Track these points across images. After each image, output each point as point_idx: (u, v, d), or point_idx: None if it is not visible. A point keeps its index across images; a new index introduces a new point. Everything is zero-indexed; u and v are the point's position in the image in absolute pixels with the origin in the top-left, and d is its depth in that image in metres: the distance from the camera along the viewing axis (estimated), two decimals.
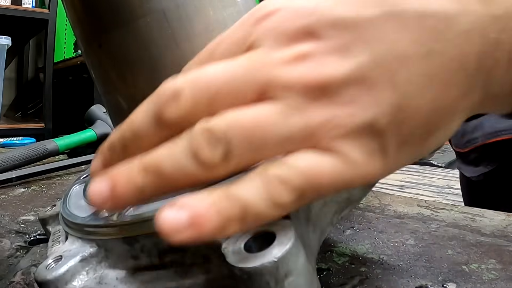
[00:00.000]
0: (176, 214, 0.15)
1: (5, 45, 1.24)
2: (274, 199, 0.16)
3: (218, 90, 0.16)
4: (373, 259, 0.32)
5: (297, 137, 0.16)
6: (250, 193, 0.16)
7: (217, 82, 0.17)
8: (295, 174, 0.16)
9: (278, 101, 0.16)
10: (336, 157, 0.17)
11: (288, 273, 0.17)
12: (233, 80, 0.16)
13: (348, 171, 0.17)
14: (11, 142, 1.27)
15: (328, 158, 0.16)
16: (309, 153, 0.16)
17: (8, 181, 0.57)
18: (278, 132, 0.16)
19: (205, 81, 0.17)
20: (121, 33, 0.25)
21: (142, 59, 0.25)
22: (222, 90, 0.16)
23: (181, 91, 0.16)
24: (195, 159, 0.16)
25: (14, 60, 2.31)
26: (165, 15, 0.24)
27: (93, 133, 0.77)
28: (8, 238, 0.38)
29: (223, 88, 0.16)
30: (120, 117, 0.28)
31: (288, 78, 0.16)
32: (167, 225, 0.15)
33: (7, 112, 2.23)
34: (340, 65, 0.16)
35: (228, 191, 0.16)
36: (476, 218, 0.42)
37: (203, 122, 0.16)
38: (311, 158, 0.16)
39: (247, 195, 0.16)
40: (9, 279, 0.29)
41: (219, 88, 0.16)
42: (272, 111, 0.16)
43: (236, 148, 0.16)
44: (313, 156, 0.16)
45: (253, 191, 0.16)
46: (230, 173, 0.16)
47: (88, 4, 0.26)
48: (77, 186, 0.32)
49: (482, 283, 0.28)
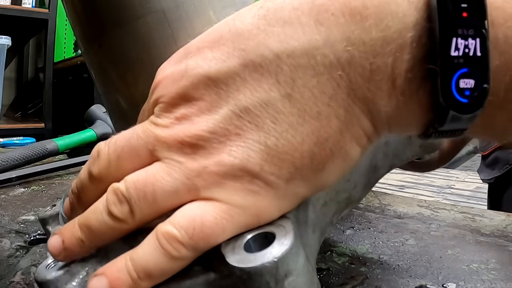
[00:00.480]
0: (99, 281, 0.18)
1: (5, 45, 1.24)
2: (170, 255, 0.17)
3: (121, 153, 0.20)
4: (373, 259, 0.32)
5: (181, 190, 0.18)
6: (146, 255, 0.18)
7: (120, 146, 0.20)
8: (180, 229, 0.17)
9: (163, 160, 0.18)
10: (218, 205, 0.18)
11: (288, 273, 0.17)
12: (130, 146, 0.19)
13: (236, 214, 0.18)
14: (11, 142, 1.27)
15: (210, 207, 0.18)
16: (193, 204, 0.18)
17: (8, 181, 0.57)
18: (164, 187, 0.18)
19: (114, 144, 0.20)
20: (121, 33, 0.25)
21: (142, 59, 0.25)
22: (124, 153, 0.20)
23: (100, 151, 0.20)
24: (110, 215, 0.19)
25: (14, 60, 2.31)
26: (165, 15, 0.24)
27: (93, 133, 0.77)
28: (8, 238, 0.38)
29: (124, 151, 0.20)
30: (120, 117, 0.28)
31: (166, 139, 0.18)
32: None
33: (7, 112, 2.23)
34: (207, 121, 0.18)
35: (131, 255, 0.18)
36: (476, 218, 0.42)
37: (113, 184, 0.19)
38: (193, 210, 0.18)
39: (145, 257, 0.18)
40: (9, 279, 0.29)
41: (122, 151, 0.20)
42: (159, 169, 0.18)
43: (136, 205, 0.18)
44: (196, 208, 0.18)
45: (149, 252, 0.18)
46: (140, 224, 0.19)
47: (88, 4, 0.26)
48: None
49: (482, 283, 0.28)
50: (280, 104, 0.17)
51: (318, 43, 0.17)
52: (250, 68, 0.18)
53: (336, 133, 0.18)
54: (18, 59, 2.32)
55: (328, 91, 0.17)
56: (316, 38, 0.17)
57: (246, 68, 0.18)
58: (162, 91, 0.19)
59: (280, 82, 0.17)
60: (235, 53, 0.18)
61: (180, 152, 0.18)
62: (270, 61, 0.17)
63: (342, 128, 0.18)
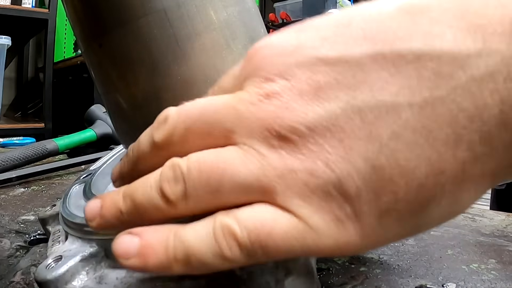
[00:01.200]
0: (129, 240, 0.16)
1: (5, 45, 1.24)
2: (220, 251, 0.15)
3: (192, 124, 0.17)
4: (373, 259, 0.32)
5: (253, 186, 0.15)
6: (195, 238, 0.15)
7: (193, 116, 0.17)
8: (243, 229, 0.15)
9: (240, 146, 0.16)
10: (294, 220, 0.15)
11: (288, 272, 0.17)
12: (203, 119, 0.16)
13: (309, 237, 0.15)
14: (11, 142, 1.27)
15: (284, 219, 0.15)
16: (265, 207, 0.15)
17: (8, 181, 0.57)
18: (234, 178, 0.15)
19: (186, 112, 0.17)
20: (122, 33, 0.25)
21: (143, 58, 0.25)
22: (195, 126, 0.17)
23: (168, 116, 0.17)
24: (160, 192, 0.16)
25: (14, 60, 2.31)
26: (166, 15, 0.24)
27: (93, 133, 0.77)
28: (8, 238, 0.38)
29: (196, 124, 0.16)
30: (120, 117, 0.28)
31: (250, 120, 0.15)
32: (119, 248, 0.16)
33: (7, 112, 2.23)
34: (306, 111, 0.14)
35: (178, 230, 0.16)
36: (476, 218, 0.42)
37: (174, 158, 0.16)
38: (264, 214, 0.15)
39: (193, 240, 0.15)
40: (9, 279, 0.29)
41: (193, 123, 0.17)
42: (234, 155, 0.15)
43: (192, 188, 0.16)
44: (268, 212, 0.15)
45: (200, 237, 0.15)
46: (191, 212, 0.16)
47: (88, 3, 0.26)
48: (77, 186, 0.32)
49: (482, 283, 0.28)
50: (404, 114, 0.14)
51: (474, 51, 0.14)
52: (380, 63, 0.14)
53: (458, 167, 0.14)
54: (18, 59, 2.32)
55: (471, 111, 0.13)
56: (472, 46, 0.14)
57: (374, 62, 0.14)
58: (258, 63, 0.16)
59: (413, 88, 0.14)
60: (363, 42, 0.14)
61: (264, 142, 0.15)
62: (407, 61, 0.14)
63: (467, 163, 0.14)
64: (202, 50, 0.25)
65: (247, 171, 0.15)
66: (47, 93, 2.02)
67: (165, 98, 0.25)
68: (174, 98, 0.25)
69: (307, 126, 0.14)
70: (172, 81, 0.25)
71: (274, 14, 2.69)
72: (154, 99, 0.25)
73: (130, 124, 0.28)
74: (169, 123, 0.17)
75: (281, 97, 0.15)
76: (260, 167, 0.15)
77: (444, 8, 0.14)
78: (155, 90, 0.25)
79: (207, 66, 0.25)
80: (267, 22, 2.64)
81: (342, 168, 0.14)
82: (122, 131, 0.29)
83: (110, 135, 0.78)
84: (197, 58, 0.25)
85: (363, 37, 0.15)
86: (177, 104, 0.18)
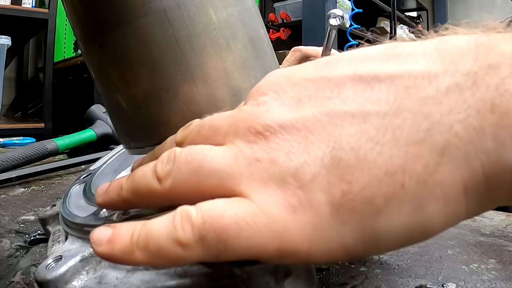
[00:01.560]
0: (104, 230, 0.18)
1: (5, 45, 1.24)
2: (174, 233, 0.16)
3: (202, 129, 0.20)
4: (373, 259, 0.32)
5: (226, 173, 0.17)
6: (158, 224, 0.17)
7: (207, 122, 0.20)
8: (199, 211, 0.16)
9: (226, 144, 0.18)
10: (246, 204, 0.16)
11: (288, 272, 0.17)
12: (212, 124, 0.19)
13: (259, 221, 0.15)
14: (11, 142, 1.27)
15: (237, 205, 0.16)
16: (225, 199, 0.16)
17: (8, 181, 0.57)
18: (212, 163, 0.17)
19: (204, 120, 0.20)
20: (122, 33, 0.25)
21: (143, 58, 0.25)
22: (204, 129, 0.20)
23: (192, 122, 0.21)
24: (153, 171, 0.19)
25: (14, 60, 2.31)
26: (166, 15, 0.24)
27: (93, 133, 0.77)
28: (8, 238, 0.38)
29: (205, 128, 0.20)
30: (120, 117, 0.28)
31: (238, 123, 0.18)
32: (94, 236, 0.18)
33: (7, 112, 2.23)
34: (282, 113, 0.17)
35: (146, 222, 0.17)
36: (476, 218, 0.42)
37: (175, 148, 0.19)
38: (222, 202, 0.16)
39: (155, 225, 0.17)
40: (9, 279, 0.29)
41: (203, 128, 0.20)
42: (218, 148, 0.18)
43: (177, 166, 0.18)
44: (226, 201, 0.16)
45: (161, 224, 0.17)
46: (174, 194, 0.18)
47: (88, 4, 0.26)
48: (77, 186, 0.32)
49: (482, 283, 0.28)
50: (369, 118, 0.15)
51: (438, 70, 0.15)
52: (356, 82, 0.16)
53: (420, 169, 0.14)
54: (18, 59, 2.32)
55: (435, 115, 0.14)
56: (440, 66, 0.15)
57: (351, 80, 0.16)
58: (260, 85, 0.19)
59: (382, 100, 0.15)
60: (347, 66, 0.17)
61: (244, 139, 0.17)
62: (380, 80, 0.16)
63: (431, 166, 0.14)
64: (202, 50, 0.25)
65: (223, 159, 0.17)
66: (47, 93, 2.02)
67: (165, 98, 0.25)
68: (174, 98, 0.25)
69: (279, 124, 0.17)
70: (172, 81, 0.25)
71: (274, 14, 2.69)
72: (154, 99, 0.25)
73: (130, 124, 0.28)
74: (190, 127, 0.21)
75: (267, 104, 0.18)
76: (234, 157, 0.17)
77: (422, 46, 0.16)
78: (155, 90, 0.25)
79: (207, 66, 0.25)
80: (267, 22, 2.64)
81: (300, 158, 0.16)
82: (122, 131, 0.29)
83: (110, 135, 0.78)
84: (197, 58, 0.25)
85: (348, 62, 0.17)
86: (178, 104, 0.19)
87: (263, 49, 0.28)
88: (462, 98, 0.14)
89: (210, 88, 0.25)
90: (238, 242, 0.15)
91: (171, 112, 0.25)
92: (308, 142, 0.16)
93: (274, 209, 0.15)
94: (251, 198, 0.16)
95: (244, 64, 0.26)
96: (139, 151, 0.27)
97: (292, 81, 0.18)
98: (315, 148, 0.16)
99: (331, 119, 0.16)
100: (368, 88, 0.16)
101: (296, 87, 0.17)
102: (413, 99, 0.15)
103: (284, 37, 2.61)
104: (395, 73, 0.16)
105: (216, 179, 0.17)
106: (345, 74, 0.17)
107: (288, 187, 0.15)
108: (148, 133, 0.27)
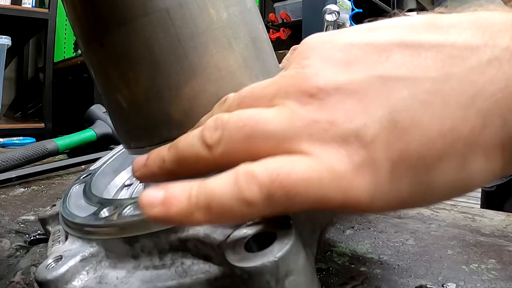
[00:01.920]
0: (155, 192, 0.17)
1: (5, 45, 1.24)
2: (240, 193, 0.16)
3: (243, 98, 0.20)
4: (373, 259, 0.32)
5: (282, 135, 0.17)
6: (218, 184, 0.17)
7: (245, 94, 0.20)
8: (263, 170, 0.16)
9: (277, 106, 0.18)
10: (312, 160, 0.16)
11: (288, 272, 0.17)
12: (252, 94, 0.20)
13: (326, 177, 0.16)
14: (11, 142, 1.27)
15: (303, 161, 0.16)
16: (288, 156, 0.17)
17: (8, 181, 0.57)
18: (266, 126, 0.17)
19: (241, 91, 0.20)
20: (124, 32, 0.25)
21: (145, 58, 0.25)
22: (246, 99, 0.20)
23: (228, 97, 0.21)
24: (200, 139, 0.18)
25: (14, 60, 2.31)
26: (168, 14, 0.24)
27: (93, 133, 0.77)
28: (8, 238, 0.38)
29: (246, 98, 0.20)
30: (120, 117, 0.28)
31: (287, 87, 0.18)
32: (144, 199, 0.17)
33: (7, 112, 2.23)
34: (335, 75, 0.17)
35: (203, 181, 0.17)
36: (476, 218, 0.42)
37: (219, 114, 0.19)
38: (285, 159, 0.17)
39: (215, 185, 0.17)
40: (9, 279, 0.29)
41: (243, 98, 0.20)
42: (269, 111, 0.18)
43: (228, 132, 0.18)
44: (289, 159, 0.17)
45: (222, 183, 0.17)
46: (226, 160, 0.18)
47: (89, 3, 0.26)
48: (77, 186, 0.32)
49: (482, 283, 0.28)
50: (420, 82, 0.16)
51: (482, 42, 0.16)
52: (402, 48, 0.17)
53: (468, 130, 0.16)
54: (18, 59, 2.32)
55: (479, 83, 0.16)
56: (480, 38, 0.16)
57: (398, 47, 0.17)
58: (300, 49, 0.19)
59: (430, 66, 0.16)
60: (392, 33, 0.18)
61: (296, 100, 0.17)
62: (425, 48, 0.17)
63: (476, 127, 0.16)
64: (204, 49, 0.25)
65: (277, 121, 0.17)
66: (47, 93, 2.02)
67: (167, 98, 0.25)
68: (176, 97, 0.25)
69: (332, 87, 0.17)
70: (175, 80, 0.25)
71: (274, 14, 2.69)
72: (156, 98, 0.25)
73: (131, 124, 0.28)
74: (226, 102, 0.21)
75: (315, 68, 0.18)
76: (289, 119, 0.17)
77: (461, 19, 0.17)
78: (157, 89, 0.25)
79: (209, 65, 0.25)
80: (267, 22, 2.64)
81: (359, 119, 0.16)
82: (123, 131, 0.29)
83: (110, 135, 0.78)
84: (200, 57, 0.25)
85: (392, 30, 0.18)
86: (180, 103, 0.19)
87: (264, 49, 0.28)
88: (502, 70, 0.16)
89: (212, 87, 0.25)
90: (306, 198, 0.16)
91: (173, 111, 0.25)
92: (365, 104, 0.16)
93: (339, 166, 0.16)
94: (314, 156, 0.16)
95: (245, 63, 0.26)
96: (140, 151, 0.27)
97: (338, 46, 0.18)
98: (372, 110, 0.16)
99: (384, 81, 0.17)
100: (415, 54, 0.17)
101: (342, 52, 0.18)
102: (459, 67, 0.16)
103: (284, 37, 2.61)
104: (438, 43, 0.17)
105: (273, 142, 0.17)
106: (391, 41, 0.17)
107: (351, 147, 0.16)
108: (149, 133, 0.27)
